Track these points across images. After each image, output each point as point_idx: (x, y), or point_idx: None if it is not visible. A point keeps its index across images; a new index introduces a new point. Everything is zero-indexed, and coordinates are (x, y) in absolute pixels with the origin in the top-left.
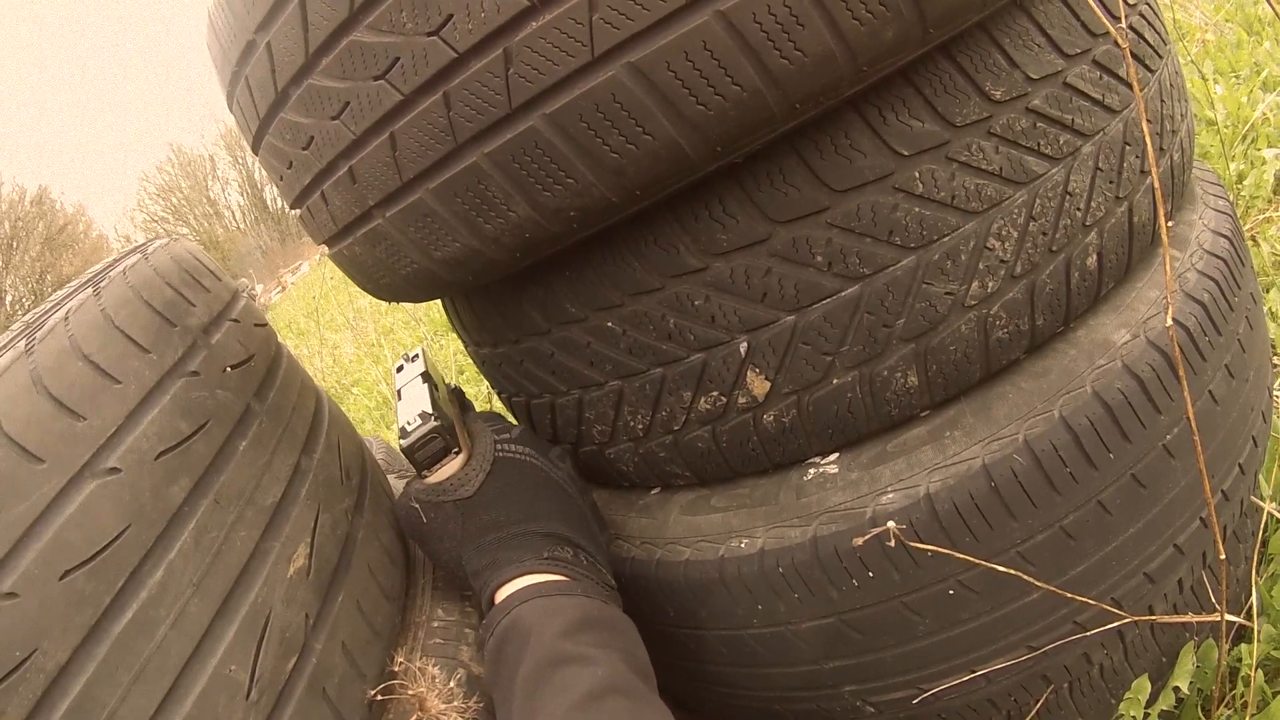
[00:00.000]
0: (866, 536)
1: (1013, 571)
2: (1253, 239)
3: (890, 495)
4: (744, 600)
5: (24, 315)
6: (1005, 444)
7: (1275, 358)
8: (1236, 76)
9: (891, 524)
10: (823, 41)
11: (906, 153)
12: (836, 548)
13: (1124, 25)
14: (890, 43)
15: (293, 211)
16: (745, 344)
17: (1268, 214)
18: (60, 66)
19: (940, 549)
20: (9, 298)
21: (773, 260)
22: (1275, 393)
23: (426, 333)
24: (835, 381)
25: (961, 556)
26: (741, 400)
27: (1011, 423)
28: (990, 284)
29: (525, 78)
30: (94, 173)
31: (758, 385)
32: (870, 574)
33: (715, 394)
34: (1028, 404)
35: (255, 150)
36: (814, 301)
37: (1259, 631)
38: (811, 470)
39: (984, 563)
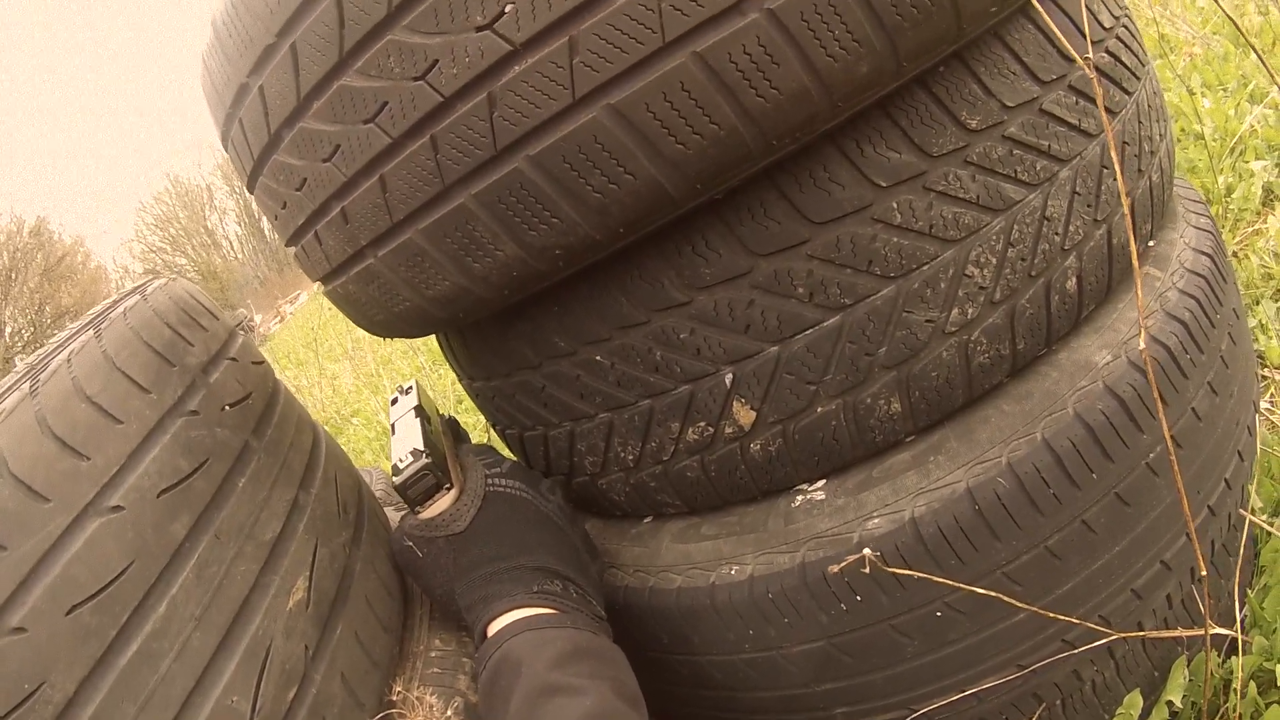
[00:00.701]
0: (843, 564)
1: (994, 594)
2: (1241, 253)
3: (876, 520)
4: (735, 626)
5: (23, 346)
6: (988, 467)
7: (1264, 371)
8: (1224, 89)
9: (868, 551)
10: (797, 79)
11: (884, 184)
12: (824, 573)
13: (1090, 56)
14: (865, 77)
15: (288, 249)
16: (730, 375)
17: (1256, 226)
18: (56, 97)
19: (920, 573)
20: (8, 329)
21: (755, 292)
22: (1269, 406)
23: (425, 362)
24: (820, 410)
25: (941, 581)
26: (728, 430)
27: (994, 446)
28: (970, 310)
29: (509, 120)
30: (91, 203)
31: (744, 415)
32: (858, 598)
33: (702, 424)
34: (1010, 427)
35: (250, 190)
36: (797, 332)
37: (1243, 644)
38: (799, 497)
39: (965, 586)
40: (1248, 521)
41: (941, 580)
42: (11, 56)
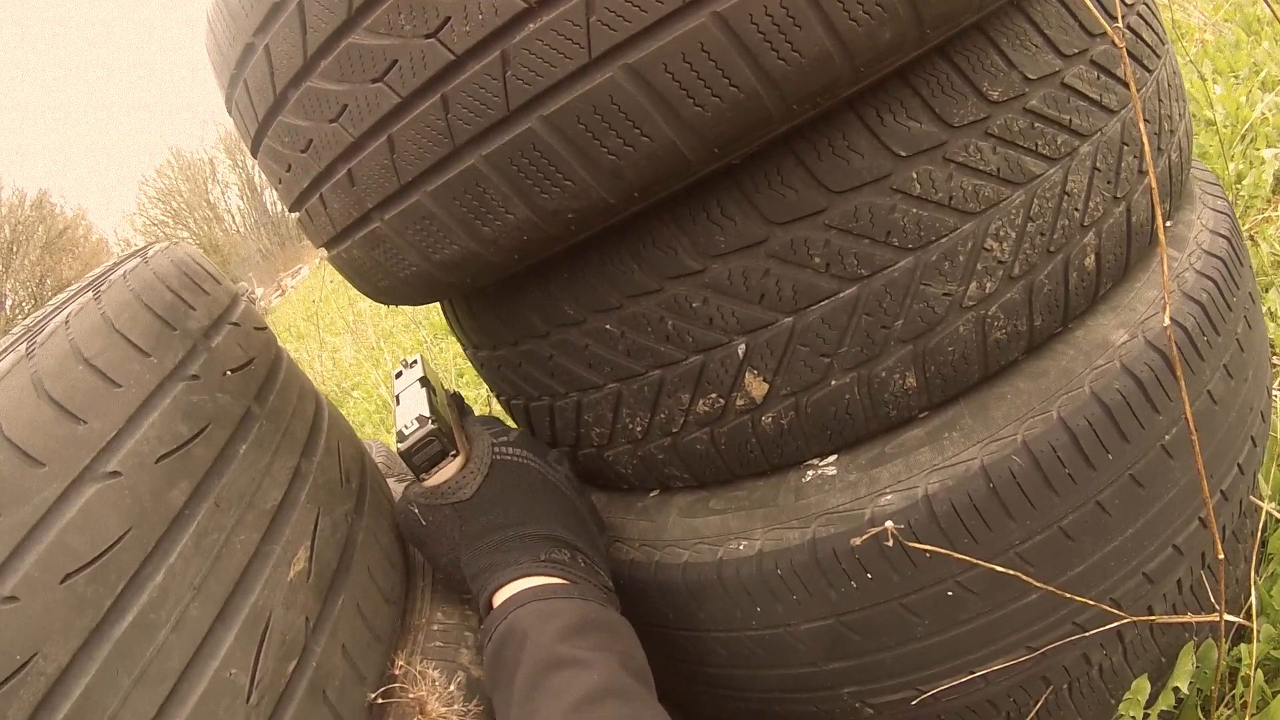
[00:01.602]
0: (864, 537)
1: (1011, 572)
2: (1252, 239)
3: (889, 497)
4: (742, 602)
5: (24, 319)
6: (1004, 445)
7: (1275, 357)
8: (1235, 76)
9: (890, 524)
10: (819, 42)
11: (904, 153)
12: (835, 549)
13: (1121, 25)
14: (887, 43)
15: (292, 215)
16: (743, 346)
17: (1267, 214)
18: (59, 70)
19: (938, 549)
20: (9, 301)
21: (770, 262)
22: (1276, 392)
23: (426, 336)
24: (833, 383)
25: (960, 557)
26: (740, 402)
27: (1010, 424)
28: (988, 285)
29: (523, 80)
30: (93, 176)
31: (756, 387)
32: (869, 575)
33: (714, 396)
34: (1026, 405)
35: (254, 153)
36: (812, 303)
37: (1258, 631)
38: (810, 472)
39: (982, 563)
40: (1263, 509)
41: (960, 556)
42: (13, 29)
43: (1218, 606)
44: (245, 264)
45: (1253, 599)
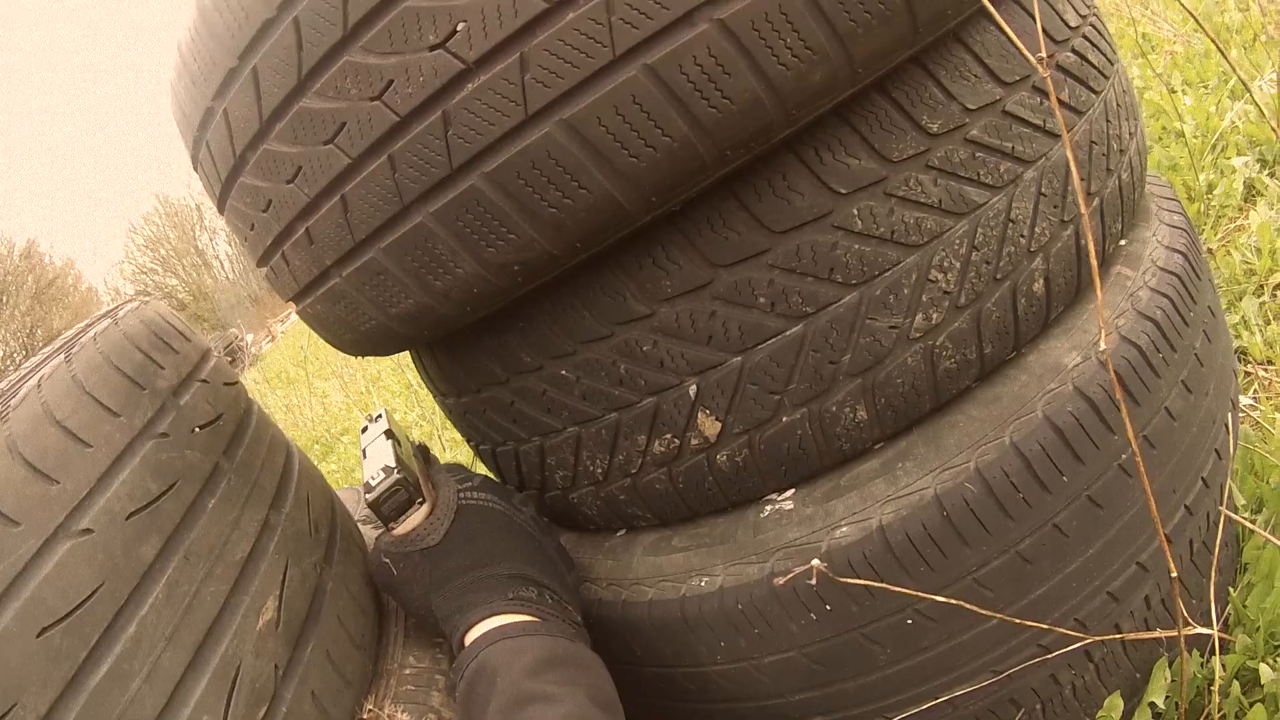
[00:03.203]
0: (788, 576)
1: (956, 602)
2: (1225, 248)
3: (844, 529)
4: (707, 637)
5: (14, 370)
6: (956, 473)
7: (1247, 367)
8: (1205, 86)
9: (816, 562)
10: (750, 89)
11: (844, 191)
12: (793, 583)
13: (1050, 62)
14: (819, 85)
15: (259, 269)
16: (694, 386)
17: (1239, 222)
18: (43, 118)
19: (872, 583)
20: (0, 352)
21: (717, 304)
22: (1251, 402)
23: (413, 379)
24: (785, 419)
25: (899, 590)
26: (694, 441)
27: (962, 451)
28: (935, 315)
29: (464, 138)
30: (81, 225)
31: (709, 426)
32: (827, 607)
33: (669, 436)
34: (979, 432)
35: (220, 211)
36: (759, 342)
37: (1226, 644)
38: (768, 507)
39: (927, 595)
40: (1227, 519)
41: (898, 590)
42: None
43: (1179, 621)
44: (235, 310)
45: (1226, 611)
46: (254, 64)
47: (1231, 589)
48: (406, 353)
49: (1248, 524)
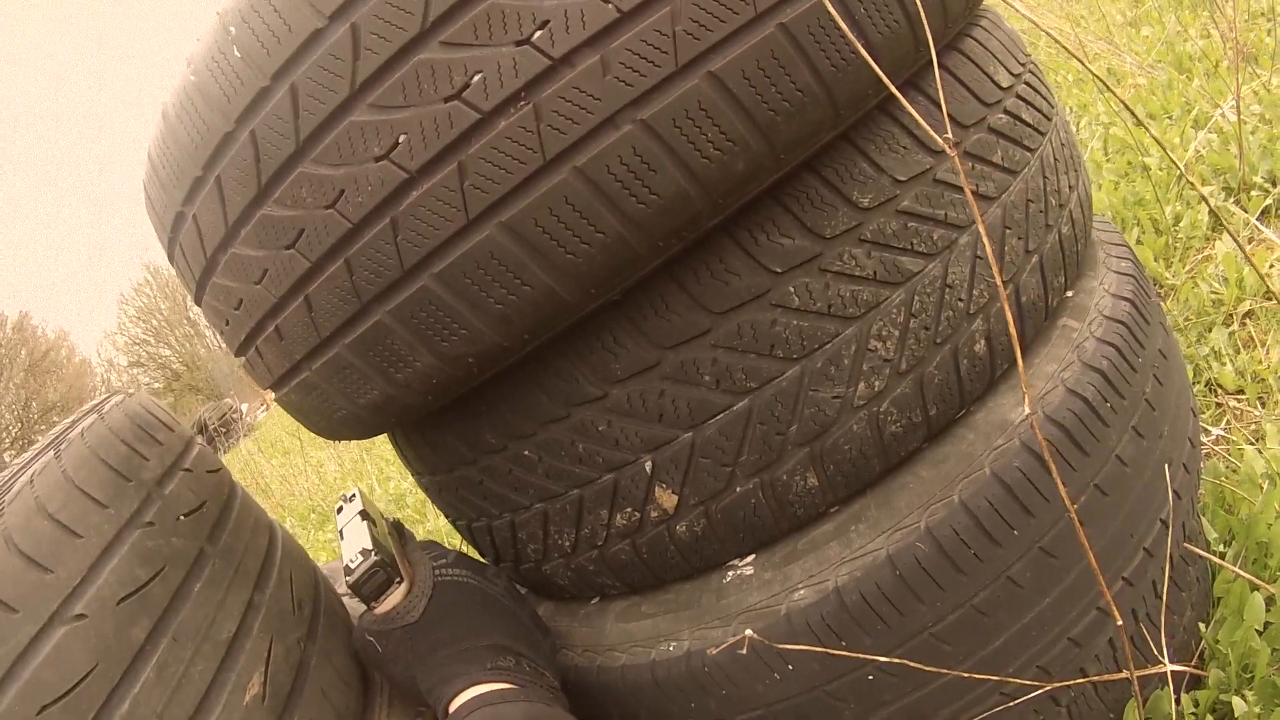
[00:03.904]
0: (722, 647)
1: (898, 660)
2: (1192, 280)
3: (801, 591)
4: (678, 699)
5: (10, 442)
6: (908, 533)
7: (1218, 398)
8: (1169, 117)
9: (749, 632)
10: (675, 183)
11: (780, 270)
12: (755, 645)
13: (959, 149)
14: (743, 174)
15: (237, 359)
16: (650, 462)
17: (1206, 253)
18: (34, 190)
19: (803, 647)
20: None
21: (665, 383)
22: (1221, 433)
23: None
24: (738, 490)
25: (840, 654)
26: (654, 514)
27: (913, 511)
28: (877, 383)
29: (412, 242)
30: (72, 295)
31: (666, 499)
32: (790, 667)
33: (629, 510)
34: (928, 492)
35: (198, 305)
36: (708, 418)
37: (1172, 680)
38: (730, 573)
39: (865, 656)
40: (1201, 555)
41: (829, 651)
42: None
43: (1130, 668)
44: (229, 379)
45: (1199, 646)
46: (218, 173)
47: (1203, 624)
48: (366, 439)
49: (1214, 560)
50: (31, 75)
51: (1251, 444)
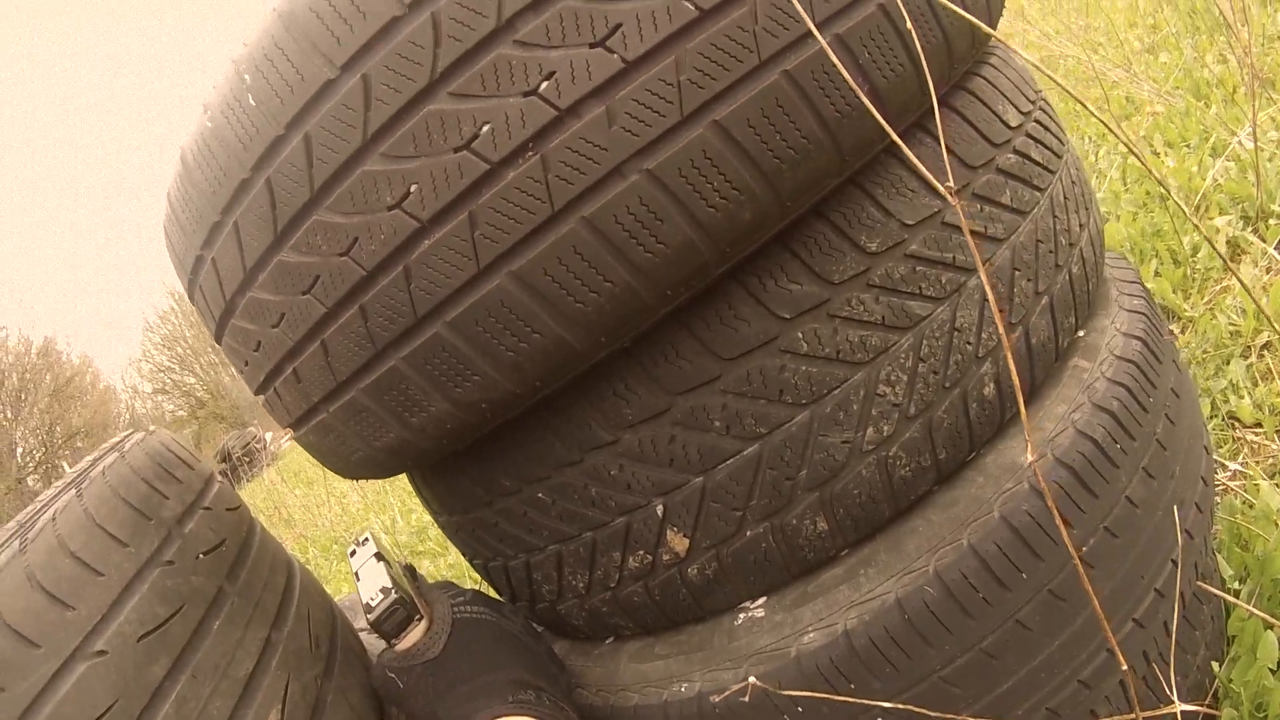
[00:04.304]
0: (725, 694)
1: (904, 707)
2: (1210, 311)
3: (811, 635)
4: None
5: (34, 466)
6: (916, 576)
7: (1235, 432)
8: (1187, 146)
9: (753, 679)
10: (682, 232)
11: (788, 315)
12: (766, 689)
13: (964, 193)
14: (749, 223)
15: (257, 398)
16: (661, 506)
17: (1223, 284)
18: (59, 216)
19: (811, 693)
20: (19, 449)
21: (676, 429)
22: (1239, 468)
23: None
24: (749, 534)
25: (843, 699)
26: (665, 557)
27: (922, 555)
28: (885, 428)
29: (425, 290)
30: (97, 321)
31: (678, 542)
32: (800, 709)
33: (641, 553)
34: (937, 535)
35: (218, 343)
36: (718, 463)
37: (1211, 718)
38: (741, 615)
39: (868, 701)
40: (1214, 593)
41: (842, 699)
42: (12, 180)
43: (1135, 708)
44: (253, 408)
45: (1213, 685)
46: (235, 219)
47: (1216, 663)
48: (383, 479)
49: (1227, 597)
50: (61, 102)
51: (1268, 479)
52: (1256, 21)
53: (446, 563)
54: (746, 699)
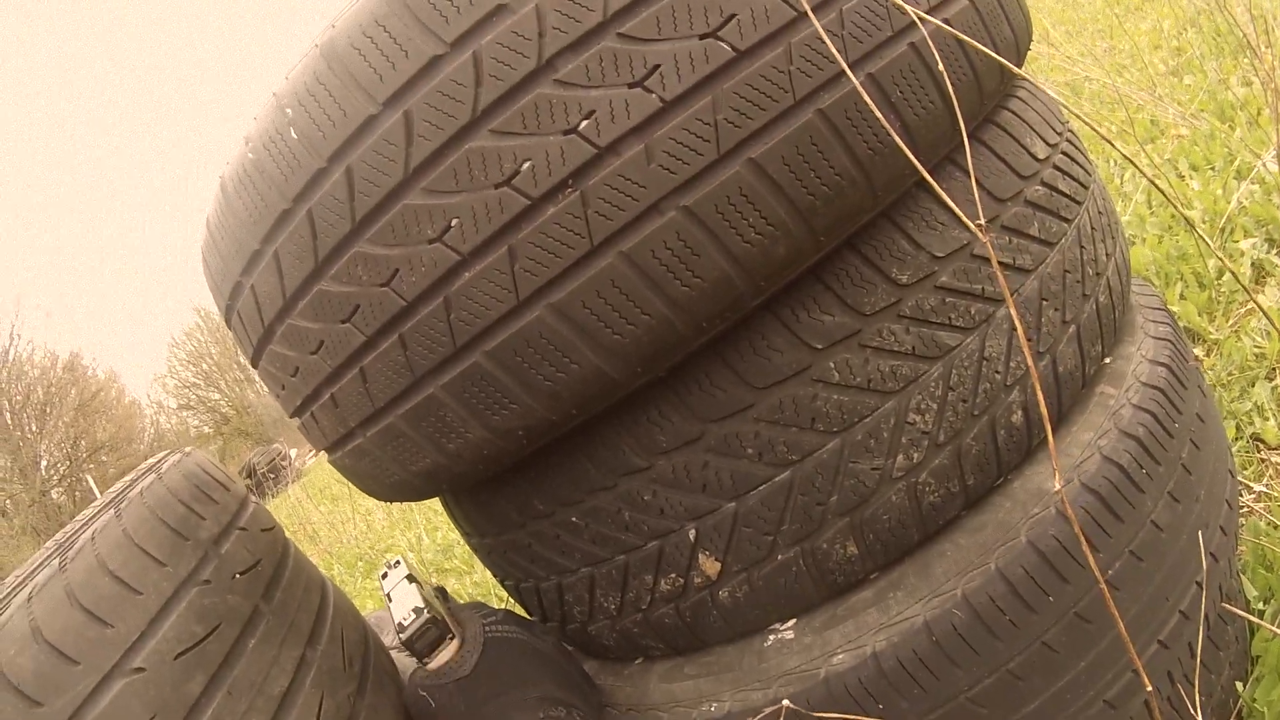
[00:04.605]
0: (758, 716)
1: None
2: (1235, 334)
3: (840, 656)
4: None
5: (59, 480)
6: (944, 600)
7: (1262, 454)
8: (1212, 169)
9: (786, 702)
10: (718, 267)
11: (820, 346)
12: (795, 710)
13: (991, 227)
14: (784, 258)
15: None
16: (694, 531)
17: (1249, 306)
18: (86, 233)
19: (841, 716)
20: (44, 462)
21: (709, 455)
22: (1261, 489)
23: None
24: (780, 558)
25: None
26: (697, 580)
27: (950, 579)
28: (915, 455)
29: (464, 321)
30: (123, 337)
31: (709, 566)
32: None
33: (673, 576)
34: (965, 560)
35: (254, 368)
36: (750, 489)
37: None
38: (771, 636)
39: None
40: (1239, 615)
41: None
42: (38, 198)
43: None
44: (279, 425)
45: (1237, 705)
46: (275, 248)
47: (1240, 683)
48: (418, 502)
49: (1252, 618)
50: (91, 122)
51: None
52: None
53: (472, 580)
54: None
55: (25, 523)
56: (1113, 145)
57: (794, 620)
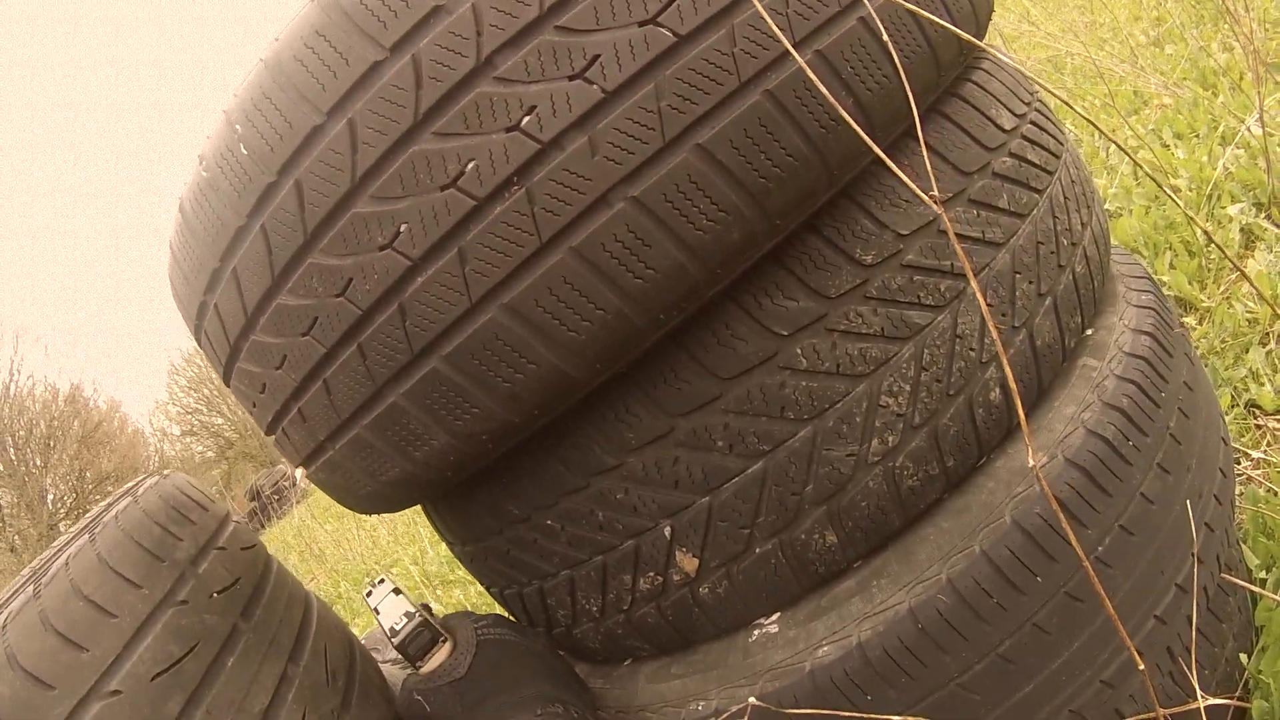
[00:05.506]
0: (724, 716)
1: (923, 717)
2: (1226, 300)
3: (825, 648)
4: None
5: (65, 513)
6: (929, 585)
7: (1258, 420)
8: (1196, 136)
9: (753, 699)
10: (671, 256)
11: (786, 332)
12: (780, 703)
13: (951, 204)
14: (738, 242)
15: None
16: (669, 527)
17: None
18: (78, 263)
19: (816, 710)
20: (50, 495)
21: (679, 450)
22: (1260, 455)
23: None
24: (758, 551)
25: (847, 715)
26: (676, 578)
27: (934, 564)
28: (890, 439)
29: (419, 326)
30: (122, 366)
31: (687, 563)
32: None
33: (652, 574)
34: (949, 543)
35: (226, 385)
36: (723, 482)
37: (1213, 715)
38: (756, 631)
39: (872, 717)
40: (1240, 585)
41: (846, 715)
42: (35, 230)
43: (1156, 707)
44: None
45: (1243, 677)
46: (234, 265)
47: (1245, 655)
48: (395, 512)
49: (1253, 588)
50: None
51: None
52: (1259, 7)
53: (476, 591)
54: (745, 719)
55: (34, 557)
56: (1092, 123)
57: (777, 614)
